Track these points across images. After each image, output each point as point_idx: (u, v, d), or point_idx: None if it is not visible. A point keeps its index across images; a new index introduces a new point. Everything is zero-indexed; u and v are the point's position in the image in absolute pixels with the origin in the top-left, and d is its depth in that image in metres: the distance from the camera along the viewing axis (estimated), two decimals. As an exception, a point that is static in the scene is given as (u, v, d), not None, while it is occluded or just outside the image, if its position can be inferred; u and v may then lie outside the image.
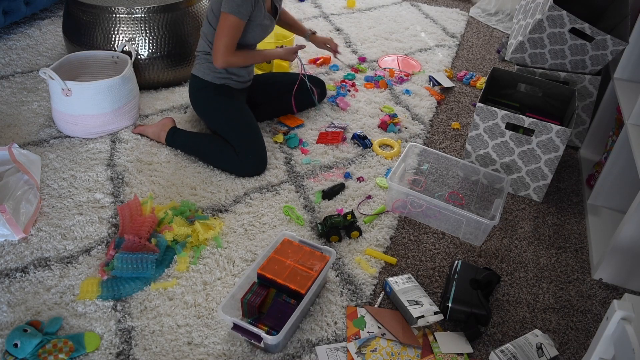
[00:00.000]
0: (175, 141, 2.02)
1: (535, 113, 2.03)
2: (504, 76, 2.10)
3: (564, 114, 2.06)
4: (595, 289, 1.64)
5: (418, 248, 1.71)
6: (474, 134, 1.94)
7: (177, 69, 2.39)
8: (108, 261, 1.55)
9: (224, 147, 1.93)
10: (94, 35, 2.27)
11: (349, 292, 1.54)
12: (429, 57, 2.86)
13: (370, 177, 1.98)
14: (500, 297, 1.58)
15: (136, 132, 2.10)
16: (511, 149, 1.90)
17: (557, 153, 1.82)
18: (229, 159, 1.91)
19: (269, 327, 1.34)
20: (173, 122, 2.06)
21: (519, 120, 1.82)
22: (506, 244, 1.77)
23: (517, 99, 2.14)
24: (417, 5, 3.54)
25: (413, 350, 1.40)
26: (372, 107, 2.39)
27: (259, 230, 1.72)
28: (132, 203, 1.71)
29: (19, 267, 1.53)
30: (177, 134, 2.02)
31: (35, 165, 1.79)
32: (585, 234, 1.84)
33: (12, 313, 1.40)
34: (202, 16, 2.41)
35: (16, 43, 2.69)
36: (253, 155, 1.91)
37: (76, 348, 1.31)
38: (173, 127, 2.04)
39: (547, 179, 1.89)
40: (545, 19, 1.96)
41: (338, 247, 1.68)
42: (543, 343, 1.41)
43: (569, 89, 2.01)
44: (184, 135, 2.02)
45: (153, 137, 2.07)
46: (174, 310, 1.44)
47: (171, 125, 2.05)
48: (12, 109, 2.20)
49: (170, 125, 2.05)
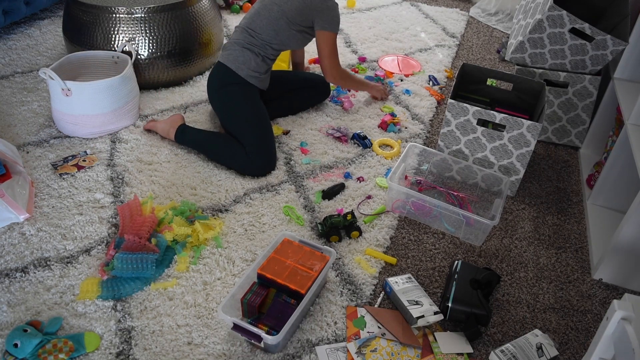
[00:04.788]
0: (184, 138, 2.02)
1: (505, 108, 2.03)
2: (473, 71, 2.11)
3: (535, 109, 2.06)
4: (595, 289, 1.64)
5: (418, 248, 1.71)
6: (446, 130, 1.94)
7: (177, 69, 2.39)
8: (108, 261, 1.55)
9: (234, 146, 1.93)
10: (94, 35, 2.27)
11: (349, 292, 1.54)
12: (429, 57, 2.86)
13: (370, 177, 1.98)
14: (500, 297, 1.58)
15: (147, 128, 2.11)
16: (483, 144, 1.90)
17: (528, 148, 1.83)
18: (238, 158, 1.91)
19: (269, 327, 1.34)
20: (182, 119, 2.07)
21: (491, 117, 1.82)
22: (506, 244, 1.77)
23: (488, 94, 2.15)
24: (417, 5, 3.54)
25: (413, 350, 1.40)
26: (372, 107, 2.39)
27: (259, 230, 1.72)
28: (132, 203, 1.72)
29: (19, 267, 1.53)
30: (186, 131, 2.02)
31: (12, 151, 1.79)
32: (585, 234, 1.84)
33: (12, 313, 1.40)
34: (202, 16, 2.41)
35: (16, 43, 2.69)
36: (264, 155, 1.92)
37: (76, 348, 1.31)
38: (182, 125, 2.04)
39: (520, 173, 1.90)
40: (545, 19, 1.96)
41: (338, 247, 1.68)
42: (543, 343, 1.41)
43: (539, 83, 2.01)
44: (193, 133, 2.02)
45: (162, 134, 2.07)
46: (174, 310, 1.44)
47: (180, 122, 2.05)
48: (12, 109, 2.20)
49: (180, 122, 2.05)
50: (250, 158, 1.90)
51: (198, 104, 2.32)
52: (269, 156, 1.94)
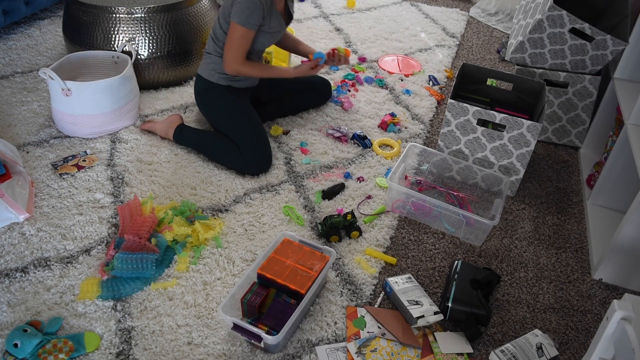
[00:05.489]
0: (182, 138, 2.03)
1: (505, 108, 2.03)
2: (473, 71, 2.11)
3: (535, 108, 2.06)
4: (595, 289, 1.64)
5: (418, 248, 1.71)
6: (446, 130, 1.94)
7: (177, 69, 2.39)
8: (108, 261, 1.55)
9: (230, 145, 1.94)
10: (94, 35, 2.27)
11: (349, 292, 1.54)
12: (429, 57, 2.86)
13: (370, 177, 1.98)
14: (500, 297, 1.58)
15: (145, 128, 2.11)
16: (483, 144, 1.90)
17: (528, 148, 1.83)
18: (234, 157, 1.92)
19: (269, 327, 1.34)
20: (181, 119, 2.08)
21: (491, 117, 1.83)
22: (506, 244, 1.77)
23: (488, 94, 2.15)
24: (417, 5, 3.54)
25: (413, 350, 1.40)
26: (372, 107, 2.39)
27: (259, 230, 1.72)
28: (132, 203, 1.72)
29: (19, 267, 1.53)
30: (184, 131, 2.03)
31: (12, 151, 1.79)
32: (585, 234, 1.84)
33: (12, 313, 1.40)
34: (202, 16, 2.41)
35: (16, 43, 2.69)
36: (257, 154, 1.92)
37: (76, 348, 1.31)
38: (181, 124, 2.05)
39: (520, 173, 1.90)
40: (545, 19, 1.96)
41: (338, 247, 1.68)
42: (543, 343, 1.41)
43: (539, 83, 2.01)
44: (192, 133, 2.03)
45: (160, 134, 2.08)
46: (174, 310, 1.44)
47: (179, 123, 2.05)
48: (12, 109, 2.20)
49: (178, 122, 2.06)
50: (245, 157, 1.91)
51: (198, 104, 2.32)
52: (262, 154, 1.94)
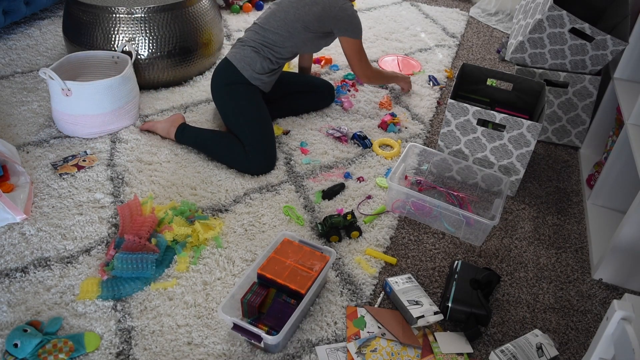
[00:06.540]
0: (184, 137, 2.02)
1: (505, 108, 2.03)
2: (473, 71, 2.11)
3: (535, 108, 2.06)
4: (595, 289, 1.64)
5: (418, 248, 1.71)
6: (446, 130, 1.94)
7: (177, 69, 2.39)
8: (108, 261, 1.55)
9: (233, 144, 1.93)
10: (94, 35, 2.27)
11: (349, 292, 1.54)
12: (429, 57, 2.86)
13: (370, 177, 1.98)
14: (500, 297, 1.58)
15: (144, 129, 2.11)
16: (483, 144, 1.90)
17: (528, 148, 1.83)
18: (237, 156, 1.92)
19: (269, 327, 1.34)
20: (182, 119, 2.07)
21: (491, 117, 1.82)
22: (506, 244, 1.77)
23: (487, 94, 2.15)
24: (417, 5, 3.54)
25: (413, 350, 1.40)
26: (372, 107, 2.39)
27: (259, 230, 1.72)
28: (132, 203, 1.72)
29: (19, 267, 1.53)
30: (186, 130, 2.02)
31: (11, 151, 1.79)
32: (585, 234, 1.84)
33: (12, 313, 1.40)
34: (202, 16, 2.41)
35: (16, 43, 2.69)
36: (263, 154, 1.92)
37: (76, 348, 1.31)
38: (182, 124, 2.04)
39: (520, 173, 1.90)
40: (545, 19, 1.96)
41: (338, 247, 1.68)
42: (543, 343, 1.41)
43: (539, 83, 2.01)
44: (193, 132, 2.02)
45: (162, 134, 2.07)
46: (174, 310, 1.44)
47: (181, 122, 2.05)
48: (12, 109, 2.20)
49: (180, 121, 2.05)
50: (249, 157, 1.91)
51: (198, 104, 2.32)
52: (268, 156, 1.94)
